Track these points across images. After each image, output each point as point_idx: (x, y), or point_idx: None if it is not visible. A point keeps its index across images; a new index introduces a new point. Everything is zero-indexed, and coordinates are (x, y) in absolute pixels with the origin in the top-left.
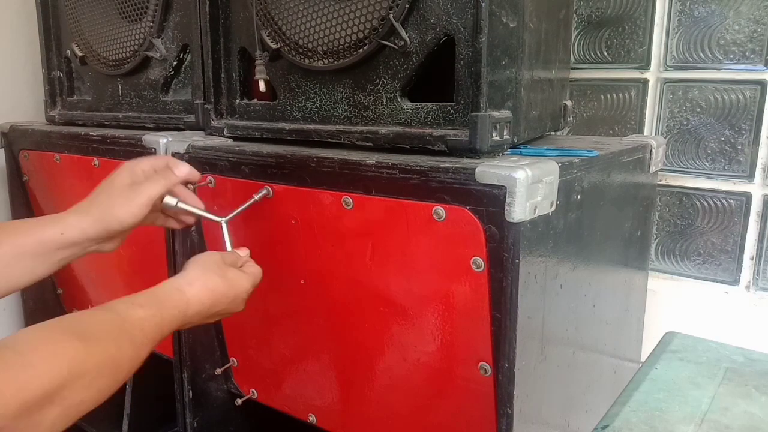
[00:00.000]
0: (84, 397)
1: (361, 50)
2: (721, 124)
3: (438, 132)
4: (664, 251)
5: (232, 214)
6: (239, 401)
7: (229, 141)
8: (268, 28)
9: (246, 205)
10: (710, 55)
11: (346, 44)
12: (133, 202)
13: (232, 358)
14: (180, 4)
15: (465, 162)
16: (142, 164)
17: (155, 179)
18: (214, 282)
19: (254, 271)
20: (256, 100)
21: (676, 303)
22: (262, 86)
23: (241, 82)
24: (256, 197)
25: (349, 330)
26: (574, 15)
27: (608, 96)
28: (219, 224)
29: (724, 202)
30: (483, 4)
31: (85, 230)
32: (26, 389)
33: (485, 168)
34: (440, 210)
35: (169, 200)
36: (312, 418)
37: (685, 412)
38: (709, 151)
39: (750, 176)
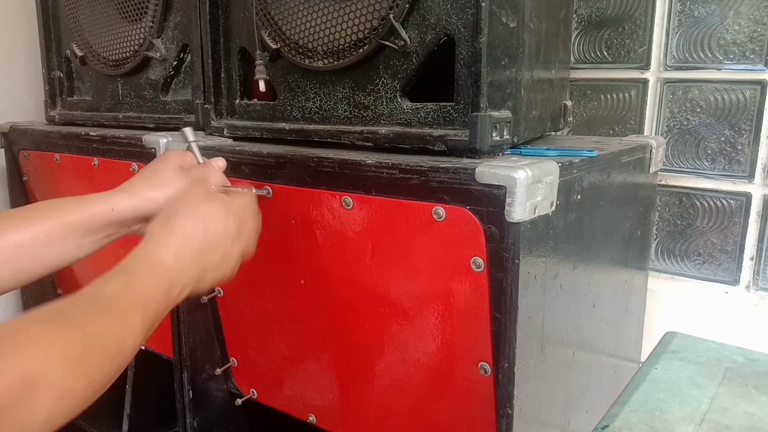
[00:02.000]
0: (75, 382)
1: (361, 50)
2: (721, 124)
3: (438, 132)
4: (664, 251)
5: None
6: (239, 401)
7: (229, 141)
8: (268, 28)
9: (241, 189)
10: (710, 55)
11: (346, 44)
12: (182, 183)
13: (232, 358)
14: (180, 4)
15: (465, 162)
16: (188, 156)
17: (202, 167)
18: (169, 212)
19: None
20: (256, 100)
21: (676, 303)
22: (262, 86)
23: (241, 82)
24: (255, 192)
25: (349, 330)
26: (574, 15)
27: (608, 96)
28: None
29: (724, 202)
30: (483, 4)
31: (136, 207)
32: (5, 375)
33: (485, 168)
34: (440, 210)
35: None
36: (312, 418)
37: (685, 412)
38: (709, 151)
39: (750, 176)
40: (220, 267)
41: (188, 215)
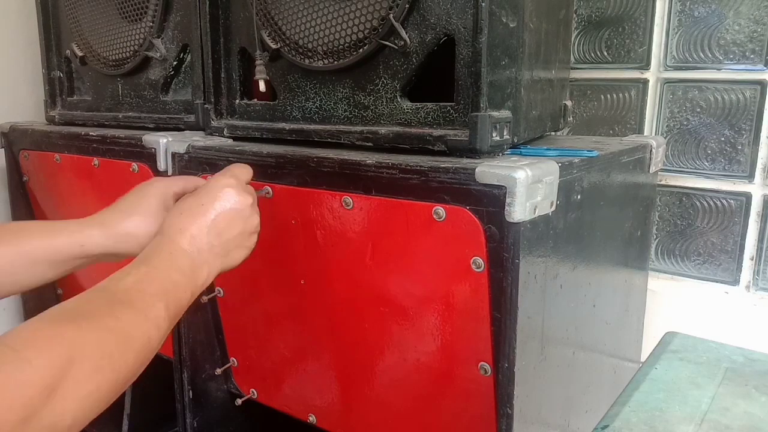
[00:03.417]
0: (99, 382)
1: (361, 50)
2: (721, 124)
3: (438, 132)
4: (664, 251)
5: None
6: (239, 401)
7: (229, 141)
8: (268, 28)
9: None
10: (710, 55)
11: (346, 44)
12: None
13: (232, 358)
14: (180, 4)
15: (465, 162)
16: (174, 186)
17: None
18: (180, 202)
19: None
20: (256, 100)
21: (676, 303)
22: (262, 86)
23: (241, 82)
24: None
25: (349, 330)
26: (574, 15)
27: (608, 96)
28: None
29: (724, 202)
30: (483, 4)
31: (106, 246)
32: (27, 385)
33: (485, 168)
34: (440, 210)
35: None
36: (312, 418)
37: (685, 412)
38: (709, 151)
39: (750, 176)
40: (243, 241)
41: (200, 193)
